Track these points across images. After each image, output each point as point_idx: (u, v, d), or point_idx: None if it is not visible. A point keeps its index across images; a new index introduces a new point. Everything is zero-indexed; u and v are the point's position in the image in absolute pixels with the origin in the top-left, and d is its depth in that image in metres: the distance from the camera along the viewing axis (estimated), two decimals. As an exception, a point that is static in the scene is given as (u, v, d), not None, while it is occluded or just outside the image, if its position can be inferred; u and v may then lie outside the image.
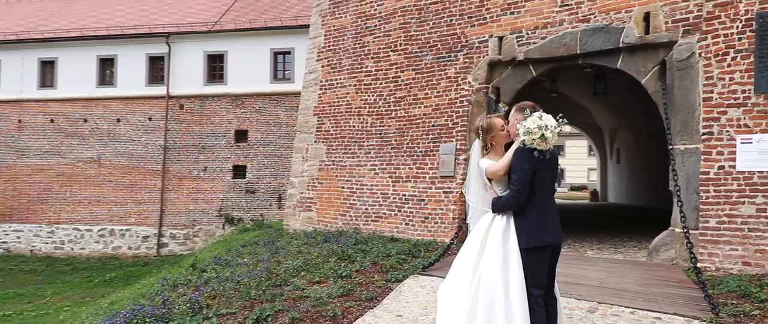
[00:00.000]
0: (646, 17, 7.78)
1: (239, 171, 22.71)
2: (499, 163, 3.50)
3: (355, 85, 11.29)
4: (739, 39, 6.98)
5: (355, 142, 11.13)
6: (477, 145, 3.75)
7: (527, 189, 3.34)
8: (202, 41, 22.89)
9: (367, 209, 10.68)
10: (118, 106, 23.65)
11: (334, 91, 11.66)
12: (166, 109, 23.09)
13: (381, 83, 10.84)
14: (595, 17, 8.27)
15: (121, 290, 13.73)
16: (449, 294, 3.56)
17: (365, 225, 10.60)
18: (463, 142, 9.52)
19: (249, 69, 22.11)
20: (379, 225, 10.39)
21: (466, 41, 9.67)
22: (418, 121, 10.19)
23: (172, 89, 23.06)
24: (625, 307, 4.98)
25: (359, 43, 11.31)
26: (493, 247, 3.37)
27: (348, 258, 7.84)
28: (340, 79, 11.57)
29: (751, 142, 6.81)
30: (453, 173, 9.56)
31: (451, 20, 9.91)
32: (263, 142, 22.32)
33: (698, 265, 6.99)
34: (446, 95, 9.86)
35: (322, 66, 11.98)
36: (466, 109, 9.56)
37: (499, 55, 9.22)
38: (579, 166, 43.29)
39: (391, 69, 10.71)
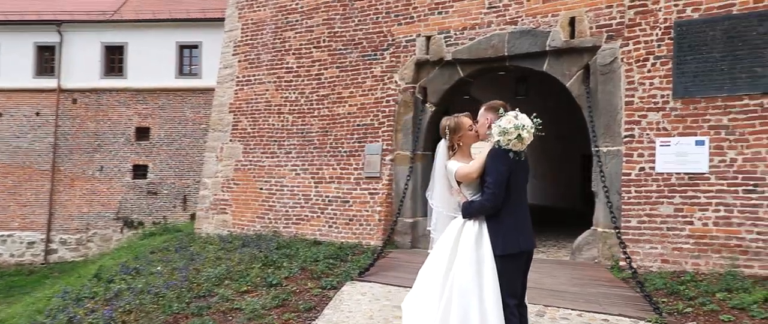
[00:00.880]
0: (572, 22, 7.96)
1: (140, 171, 21.23)
2: (472, 165, 3.30)
3: (275, 82, 10.80)
4: (659, 46, 7.30)
5: (275, 141, 10.64)
6: (443, 145, 3.53)
7: (504, 192, 3.16)
8: (99, 31, 21.15)
9: (287, 211, 10.24)
10: (1, 100, 21.40)
11: (252, 88, 11.10)
12: (57, 103, 21.13)
13: (303, 80, 10.44)
14: (522, 20, 8.37)
15: (7, 306, 12.31)
16: (417, 306, 3.30)
17: (286, 228, 10.15)
18: (390, 142, 9.35)
19: (152, 63, 20.71)
20: (301, 227, 9.99)
21: (393, 40, 9.51)
22: (342, 120, 9.90)
23: (63, 82, 21.13)
24: (572, 309, 4.98)
25: (279, 38, 10.83)
26: (465, 255, 3.15)
27: (273, 264, 7.41)
28: (259, 75, 11.03)
29: (669, 145, 7.12)
30: (379, 174, 9.36)
31: (377, 18, 9.71)
32: (167, 140, 20.99)
33: (621, 263, 7.25)
34: (372, 94, 9.64)
35: (239, 61, 11.37)
36: (393, 108, 9.39)
37: (426, 54, 9.13)
38: (483, 167, 44.78)
39: (314, 66, 10.34)
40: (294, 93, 10.53)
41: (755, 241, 6.47)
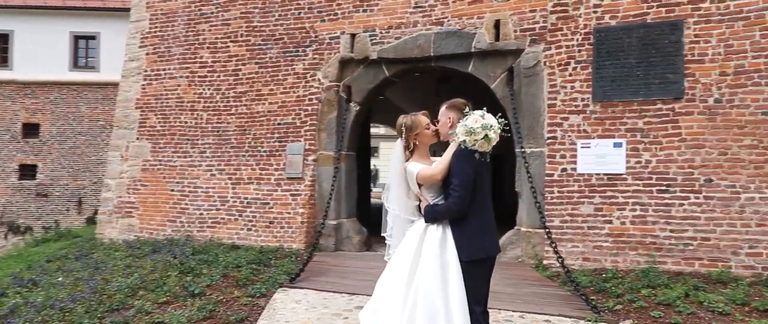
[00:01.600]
0: (497, 24, 8.07)
1: (27, 171, 19.43)
2: (436, 166, 3.14)
3: (187, 77, 10.17)
4: (579, 50, 7.54)
5: (188, 139, 10.02)
6: (399, 145, 3.34)
7: (470, 195, 3.03)
8: (-21, 17, 19.19)
9: (202, 214, 9.66)
10: None
11: (162, 83, 10.40)
12: (-71, 95, 18.95)
13: (219, 76, 9.90)
14: (448, 21, 8.38)
15: None
16: (377, 318, 3.09)
17: (200, 232, 9.58)
18: (313, 142, 9.06)
19: (42, 53, 19.01)
20: (217, 231, 9.46)
21: (316, 36, 9.22)
22: (262, 118, 9.48)
23: (-65, 72, 18.98)
24: (513, 311, 4.97)
25: (193, 31, 10.22)
26: (428, 262, 2.98)
27: (191, 271, 6.90)
28: (170, 69, 10.35)
29: (589, 147, 7.38)
30: (301, 174, 9.04)
31: (299, 13, 9.38)
32: (59, 138, 19.35)
33: (545, 262, 7.42)
34: (294, 92, 9.30)
35: (147, 53, 10.61)
36: (316, 107, 9.11)
37: (351, 52, 8.93)
38: (392, 167, 45.06)
39: (231, 61, 9.83)
40: (209, 89, 9.97)
41: (668, 238, 6.82)
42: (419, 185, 3.17)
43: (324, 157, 9.06)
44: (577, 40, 7.56)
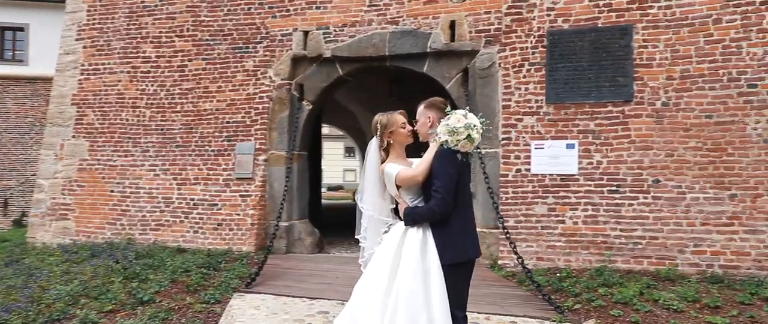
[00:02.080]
0: (452, 25, 8.07)
1: (-55, 171, 18.12)
2: (418, 167, 3.03)
3: (129, 72, 9.68)
4: (533, 53, 7.64)
5: (129, 138, 9.54)
6: (374, 144, 3.22)
7: (454, 197, 2.94)
8: None
9: (145, 216, 9.22)
10: None
11: (101, 78, 9.85)
12: None
13: (163, 72, 9.47)
14: (403, 20, 8.32)
15: None
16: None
17: (142, 234, 9.13)
18: (263, 141, 8.80)
19: (-36, 45, 17.79)
20: (161, 234, 9.05)
21: (267, 33, 8.97)
22: (209, 116, 9.13)
23: None
24: (478, 312, 4.94)
25: (135, 24, 9.73)
26: (409, 266, 2.87)
27: (137, 276, 6.54)
28: (109, 63, 9.82)
29: (543, 148, 7.48)
30: (251, 174, 8.77)
31: (249, 8, 9.09)
32: (-18, 135, 18.15)
33: (499, 262, 7.47)
34: (244, 90, 9.01)
35: (84, 47, 10.03)
36: (267, 105, 8.86)
37: (304, 50, 8.73)
38: (336, 166, 44.76)
39: (177, 56, 9.43)
40: (152, 85, 9.52)
41: (618, 237, 7.00)
42: (398, 187, 3.06)
43: (275, 157, 8.82)
44: (531, 42, 7.65)
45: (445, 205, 2.90)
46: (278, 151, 8.81)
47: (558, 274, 6.66)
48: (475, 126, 2.96)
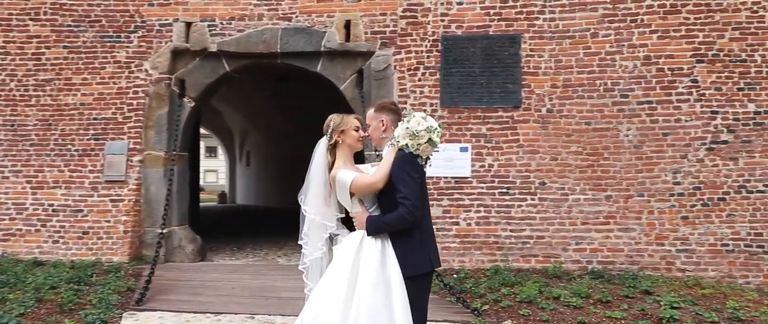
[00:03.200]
0: (347, 25, 7.92)
1: None
2: (376, 173, 2.81)
3: (-31, 58, 8.32)
4: (428, 56, 7.73)
5: (-30, 134, 8.20)
6: (323, 143, 2.97)
7: (421, 203, 2.78)
8: None
9: (-10, 225, 7.97)
10: None
11: (-69, 63, 8.36)
12: None
13: (14, 60, 8.26)
14: (296, 17, 8.01)
15: None
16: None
17: (-12, 246, 7.89)
18: (138, 140, 8.01)
19: None
20: (13, 245, 7.89)
21: (142, 22, 8.17)
22: (72, 111, 8.12)
23: None
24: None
25: (-23, 3, 8.39)
26: (368, 278, 2.66)
27: (-10, 297, 5.60)
28: (-57, 47, 8.37)
29: (438, 151, 7.51)
30: (124, 177, 7.95)
31: (120, -7, 8.23)
32: None
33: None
34: (114, 83, 8.13)
35: None
36: (143, 101, 8.08)
37: (186, 43, 8.08)
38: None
39: (31, 43, 8.27)
40: (0, 74, 8.27)
41: (509, 237, 7.31)
42: (351, 194, 2.84)
43: (152, 158, 8.07)
44: (426, 46, 7.74)
45: (415, 212, 2.73)
46: (155, 151, 8.07)
47: (455, 276, 6.78)
48: (435, 129, 2.83)
